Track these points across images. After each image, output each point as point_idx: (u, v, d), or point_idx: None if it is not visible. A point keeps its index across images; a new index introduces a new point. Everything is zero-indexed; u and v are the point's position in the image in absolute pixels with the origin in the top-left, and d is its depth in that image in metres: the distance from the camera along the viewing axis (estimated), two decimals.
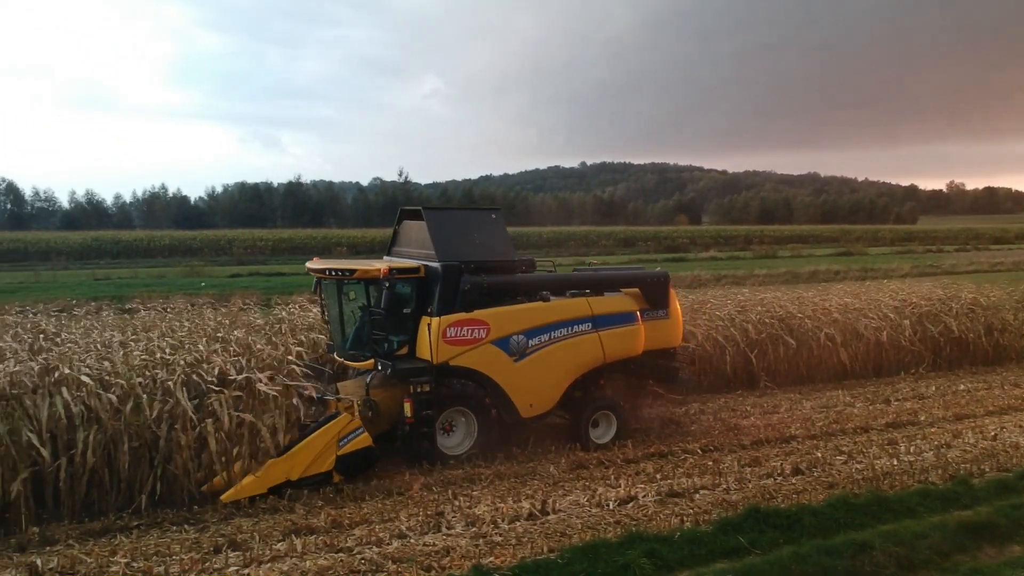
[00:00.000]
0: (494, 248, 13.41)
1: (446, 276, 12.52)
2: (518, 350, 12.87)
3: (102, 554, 8.88)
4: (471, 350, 12.56)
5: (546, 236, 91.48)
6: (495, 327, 12.70)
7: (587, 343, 13.43)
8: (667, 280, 14.55)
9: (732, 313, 19.07)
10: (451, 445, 12.54)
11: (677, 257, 65.04)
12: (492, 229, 13.68)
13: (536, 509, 10.05)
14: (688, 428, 14.52)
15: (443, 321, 12.36)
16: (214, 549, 9.01)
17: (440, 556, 8.70)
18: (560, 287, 13.89)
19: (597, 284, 14.30)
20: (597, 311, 13.57)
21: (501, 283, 13.06)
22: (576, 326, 13.37)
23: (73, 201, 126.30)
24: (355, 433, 11.49)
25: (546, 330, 13.12)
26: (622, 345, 13.76)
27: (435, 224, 13.07)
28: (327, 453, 11.29)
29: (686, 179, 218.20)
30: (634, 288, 14.41)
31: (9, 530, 9.62)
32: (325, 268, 13.06)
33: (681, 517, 9.78)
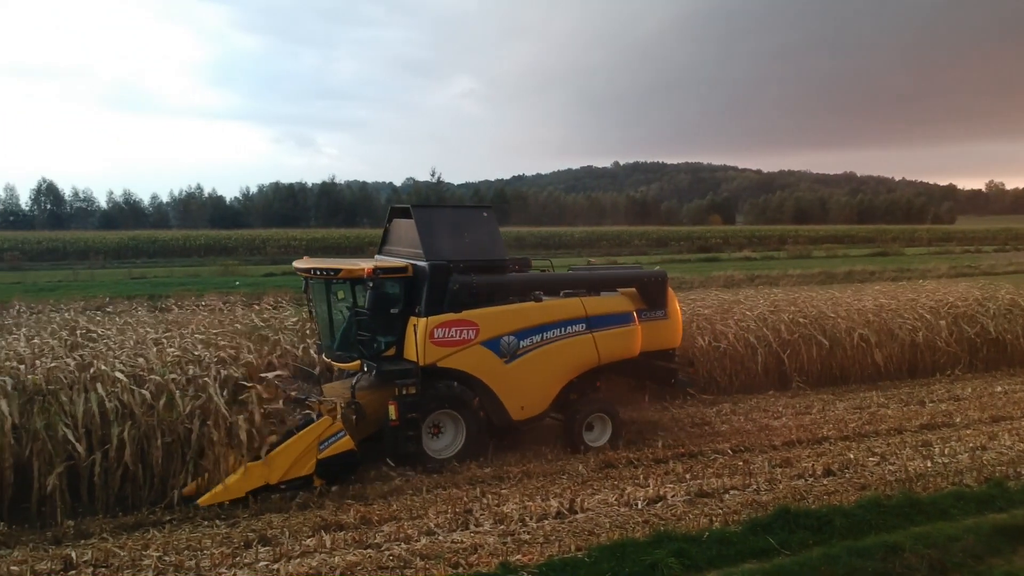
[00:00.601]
0: (485, 247, 13.06)
1: (434, 276, 12.24)
2: (509, 351, 12.58)
3: (135, 548, 9.01)
4: (460, 351, 12.28)
5: (578, 236, 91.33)
6: (485, 328, 12.42)
7: (581, 344, 13.12)
8: (664, 280, 14.20)
9: (764, 313, 18.95)
10: (439, 448, 12.26)
11: (710, 257, 64.63)
12: (483, 228, 13.33)
13: (564, 508, 10.04)
14: (718, 428, 14.42)
15: (431, 322, 12.09)
16: (244, 544, 9.11)
17: (468, 553, 8.72)
18: (554, 287, 13.58)
19: (592, 284, 13.96)
20: (591, 311, 13.25)
21: (491, 283, 12.73)
22: (569, 327, 13.04)
23: (111, 201, 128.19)
24: (336, 436, 11.26)
25: (538, 331, 12.82)
26: (618, 346, 13.43)
27: (424, 222, 12.77)
28: (307, 457, 11.08)
29: (720, 179, 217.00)
30: (631, 288, 14.10)
31: (45, 523, 9.78)
32: (311, 268, 12.80)
33: (710, 517, 9.72)
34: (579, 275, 14.61)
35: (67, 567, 8.48)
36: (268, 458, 10.80)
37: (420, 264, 12.41)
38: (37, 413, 10.28)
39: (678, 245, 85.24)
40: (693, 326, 17.62)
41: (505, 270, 13.21)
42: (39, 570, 8.39)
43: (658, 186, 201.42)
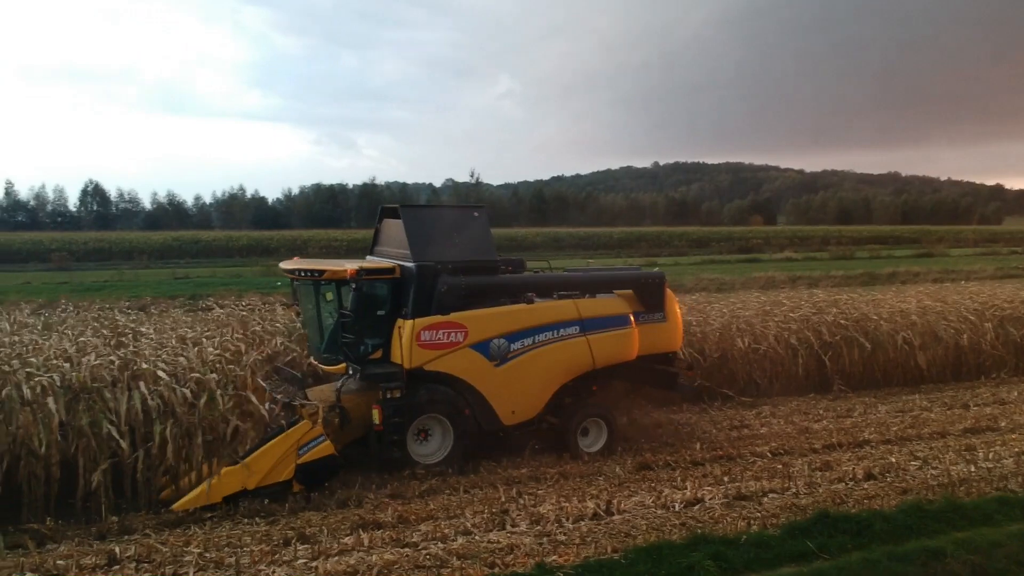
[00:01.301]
0: (475, 248, 12.80)
1: (421, 277, 12.00)
2: (499, 354, 12.31)
3: (176, 544, 9.13)
4: (447, 354, 12.03)
5: (617, 237, 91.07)
6: (474, 330, 12.17)
7: (574, 347, 12.81)
8: (662, 281, 13.88)
9: (806, 314, 18.78)
10: (426, 453, 12.01)
11: (751, 258, 64.10)
12: (474, 228, 13.07)
13: (601, 509, 10.03)
14: (758, 431, 14.31)
15: (417, 324, 11.85)
16: (284, 542, 9.19)
17: (504, 553, 8.74)
18: (547, 289, 13.25)
19: (586, 285, 13.60)
20: (585, 314, 12.92)
21: (481, 284, 12.48)
22: (562, 329, 12.74)
23: (155, 202, 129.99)
24: (316, 441, 11.04)
25: (529, 334, 12.53)
26: (613, 350, 13.10)
27: (412, 223, 12.52)
28: (286, 461, 10.85)
29: (761, 179, 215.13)
30: (627, 290, 13.74)
31: (90, 519, 9.95)
32: (296, 269, 12.60)
33: (748, 520, 9.65)
34: (573, 277, 14.17)
35: (111, 562, 8.62)
36: (245, 463, 10.61)
37: (407, 265, 12.18)
38: (82, 411, 10.47)
39: (718, 246, 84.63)
40: (733, 327, 17.55)
41: (496, 271, 12.95)
42: (84, 565, 8.54)
43: (698, 186, 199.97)
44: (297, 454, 10.91)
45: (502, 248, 76.31)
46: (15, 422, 10.02)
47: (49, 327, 15.27)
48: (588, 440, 12.97)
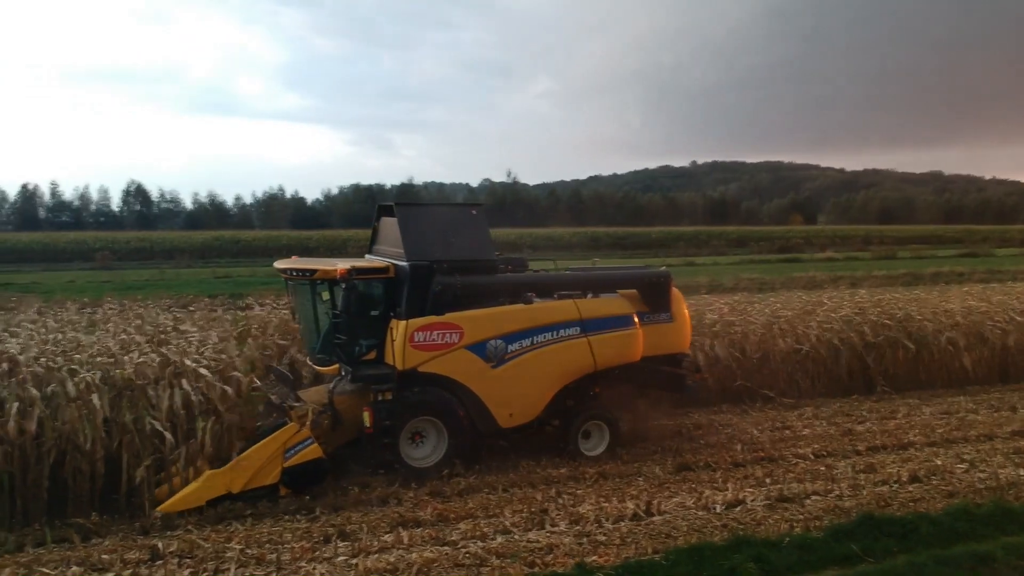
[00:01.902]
0: (472, 247, 12.46)
1: (414, 276, 11.72)
2: (496, 356, 11.99)
3: (218, 540, 9.23)
4: (442, 355, 11.74)
5: (654, 236, 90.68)
6: (469, 331, 11.87)
7: (575, 348, 12.44)
8: (668, 281, 13.40)
9: (848, 315, 18.53)
10: (419, 456, 11.75)
11: (791, 258, 63.43)
12: (471, 227, 12.74)
13: (641, 510, 9.96)
14: (800, 432, 14.13)
15: (411, 325, 11.57)
16: (324, 538, 9.26)
17: (543, 553, 8.72)
18: (548, 288, 12.95)
19: (587, 285, 13.23)
20: (586, 314, 12.55)
21: (478, 284, 12.19)
22: (562, 330, 12.37)
23: (196, 202, 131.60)
24: (303, 444, 10.83)
25: (527, 335, 12.19)
26: (615, 351, 12.71)
27: (407, 221, 12.21)
28: (272, 465, 10.66)
29: (801, 178, 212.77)
30: (631, 290, 13.38)
31: (134, 514, 10.08)
32: (289, 268, 12.37)
33: (791, 523, 9.55)
34: (574, 276, 13.88)
35: (154, 557, 8.74)
36: (230, 466, 10.47)
37: (402, 264, 11.93)
38: (126, 407, 10.61)
39: (758, 245, 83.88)
40: (774, 328, 17.37)
41: (494, 271, 12.65)
42: (128, 559, 8.67)
43: (737, 185, 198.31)
44: (284, 457, 10.73)
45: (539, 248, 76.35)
46: (61, 418, 10.18)
47: (94, 325, 15.52)
48: (590, 443, 12.71)
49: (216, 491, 10.30)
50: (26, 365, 11.13)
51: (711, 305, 19.56)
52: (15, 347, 12.25)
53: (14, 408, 10.03)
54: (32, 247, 73.72)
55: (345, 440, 11.85)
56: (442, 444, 11.81)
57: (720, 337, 16.76)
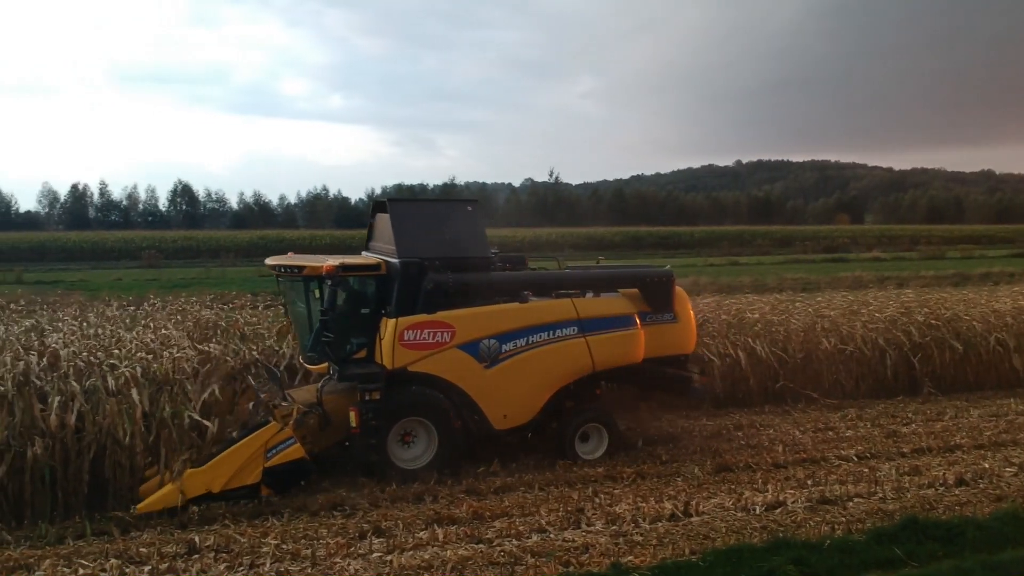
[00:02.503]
0: (466, 244, 12.18)
1: (405, 274, 11.48)
2: (489, 356, 11.67)
3: (254, 535, 9.25)
4: (433, 355, 11.46)
5: (698, 236, 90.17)
6: (462, 330, 11.57)
7: (572, 349, 12.08)
8: (671, 280, 13.00)
9: (894, 315, 18.18)
10: (409, 458, 11.46)
11: (837, 257, 62.67)
12: (465, 223, 12.46)
13: (679, 510, 9.82)
14: (843, 434, 13.87)
15: (400, 323, 11.32)
16: (359, 535, 9.24)
17: (579, 552, 8.63)
18: (545, 287, 12.60)
19: (586, 284, 12.91)
20: (584, 314, 12.18)
21: (471, 282, 11.87)
22: (559, 330, 12.01)
23: (242, 202, 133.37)
24: (285, 444, 10.61)
25: (523, 334, 11.85)
26: (615, 351, 12.34)
27: (399, 217, 11.96)
28: (253, 465, 10.44)
29: (848, 177, 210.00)
30: (633, 289, 12.94)
31: (171, 509, 10.13)
32: (277, 264, 12.19)
33: (832, 525, 9.35)
34: (572, 275, 13.50)
35: (191, 551, 8.77)
36: (210, 465, 10.30)
37: (393, 261, 11.71)
38: (164, 401, 10.71)
39: (803, 245, 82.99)
40: (817, 327, 17.09)
41: (488, 268, 12.34)
42: (165, 553, 8.71)
43: (782, 184, 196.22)
44: (265, 457, 10.53)
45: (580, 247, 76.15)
46: (101, 412, 10.29)
47: (135, 321, 15.72)
48: (588, 446, 12.36)
49: (196, 490, 10.14)
50: (67, 360, 11.29)
51: (753, 304, 19.28)
52: (58, 342, 12.43)
53: (56, 402, 10.18)
54: (81, 246, 75.26)
55: (335, 440, 11.62)
56: (432, 446, 11.51)
57: (762, 337, 16.53)
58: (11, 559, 8.59)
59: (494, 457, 11.97)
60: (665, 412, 14.90)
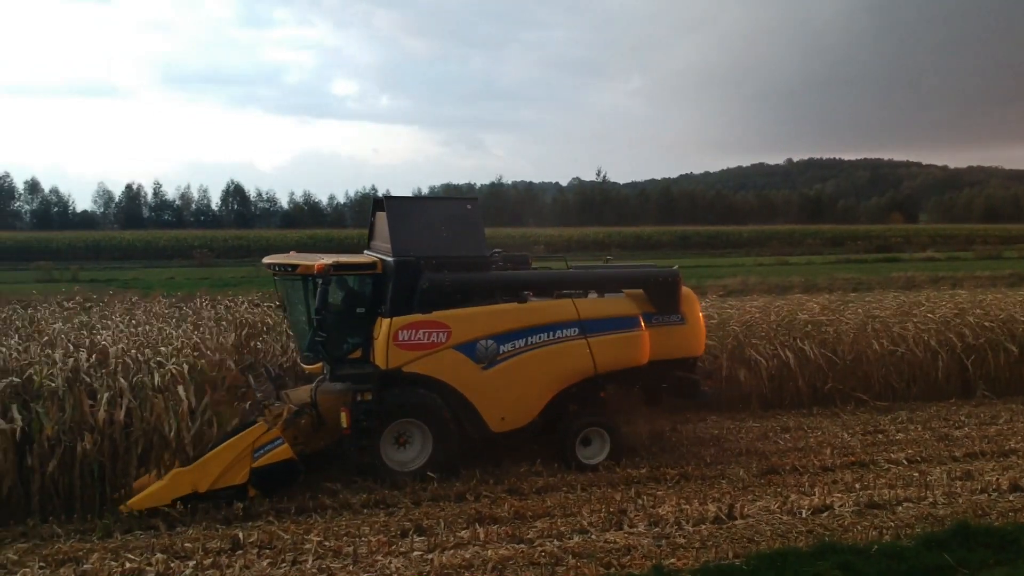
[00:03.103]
0: (464, 242, 11.96)
1: (399, 273, 11.27)
2: (486, 357, 11.42)
3: (297, 531, 9.32)
4: (428, 355, 11.24)
5: (746, 235, 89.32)
6: (458, 330, 11.33)
7: (572, 350, 11.77)
8: (677, 280, 12.55)
9: (947, 316, 17.79)
10: (405, 460, 11.25)
11: (889, 257, 61.65)
12: (464, 222, 12.28)
13: (723, 513, 9.70)
14: (893, 437, 13.62)
15: (395, 323, 11.12)
16: (401, 533, 9.26)
17: (621, 554, 8.57)
18: (546, 287, 12.30)
19: (588, 284, 12.55)
20: (585, 314, 11.86)
21: (468, 281, 11.66)
22: (559, 331, 11.72)
23: (292, 202, 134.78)
24: (272, 444, 10.47)
25: (521, 335, 11.57)
26: (618, 353, 11.99)
27: (395, 215, 11.74)
28: (240, 465, 10.33)
29: (902, 175, 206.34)
30: (637, 289, 12.57)
31: (217, 504, 10.23)
32: (273, 263, 12.00)
33: (880, 530, 9.17)
34: (573, 274, 13.11)
35: (235, 547, 8.86)
36: (197, 464, 10.20)
37: (389, 260, 11.49)
38: (209, 398, 10.84)
39: (855, 244, 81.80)
40: (868, 328, 16.79)
41: (487, 268, 12.09)
42: (210, 548, 8.80)
43: (834, 183, 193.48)
44: (252, 457, 10.41)
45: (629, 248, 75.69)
46: (148, 408, 10.44)
47: (183, 319, 15.96)
48: (590, 450, 12.00)
49: (182, 490, 10.06)
50: (116, 357, 11.48)
51: (803, 305, 19.01)
52: (106, 339, 12.64)
53: (104, 398, 10.34)
54: (135, 245, 76.76)
55: (329, 441, 11.49)
56: (427, 448, 11.31)
57: (811, 337, 16.29)
58: (60, 552, 8.75)
59: (536, 457, 11.94)
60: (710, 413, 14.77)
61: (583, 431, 11.99)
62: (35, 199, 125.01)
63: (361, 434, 10.91)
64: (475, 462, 11.60)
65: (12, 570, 8.31)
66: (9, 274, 46.57)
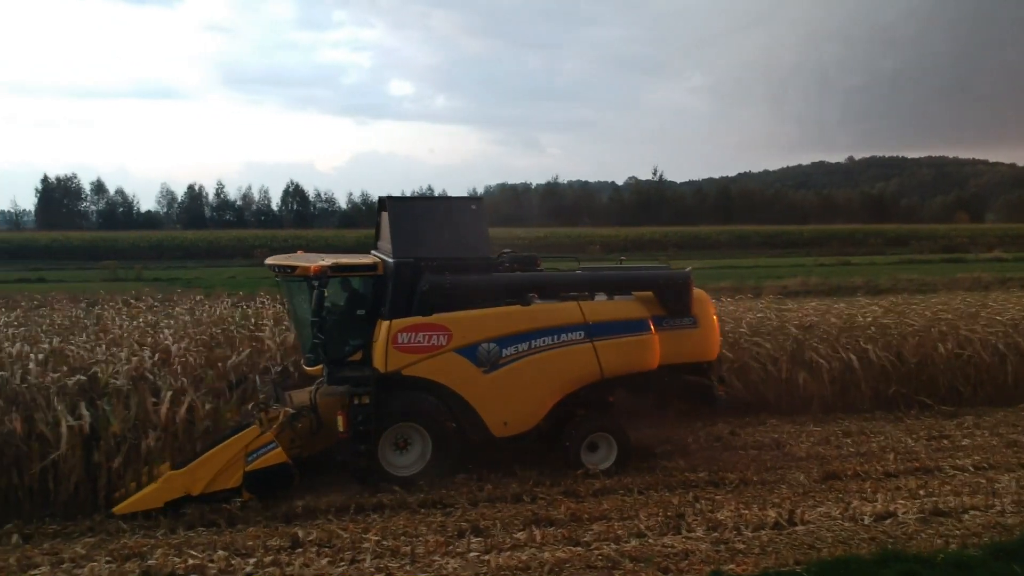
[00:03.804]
0: (466, 243, 11.74)
1: (399, 274, 11.12)
2: (488, 360, 11.20)
3: (356, 530, 9.40)
4: (428, 359, 11.07)
5: (807, 235, 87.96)
6: (459, 333, 11.13)
7: (578, 354, 11.50)
8: (688, 282, 12.20)
9: (1016, 318, 17.35)
10: (402, 464, 11.14)
11: (955, 258, 60.17)
12: (468, 222, 12.04)
13: (783, 519, 9.57)
14: (959, 442, 13.30)
15: (394, 325, 10.98)
16: (458, 533, 9.29)
17: (678, 559, 8.50)
18: (550, 289, 12.00)
19: (595, 286, 12.22)
20: (591, 317, 11.58)
21: (470, 283, 11.41)
22: (564, 334, 11.45)
23: (350, 202, 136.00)
24: (266, 448, 10.41)
25: (524, 338, 11.33)
26: (626, 358, 11.69)
27: (397, 216, 11.59)
28: (233, 468, 10.30)
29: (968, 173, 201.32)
30: (647, 292, 12.21)
31: (277, 502, 10.40)
32: (273, 264, 11.86)
33: (946, 538, 8.98)
34: (579, 276, 12.65)
35: (294, 545, 8.97)
36: (190, 467, 10.20)
37: (389, 261, 11.35)
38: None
39: (919, 244, 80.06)
40: (933, 331, 16.43)
41: (490, 269, 11.85)
42: (270, 546, 8.94)
43: (897, 182, 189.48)
44: (246, 461, 10.38)
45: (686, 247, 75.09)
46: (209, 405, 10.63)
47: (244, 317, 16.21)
48: (597, 456, 11.74)
49: (175, 492, 10.09)
50: (178, 355, 11.70)
51: (864, 309, 18.66)
52: (168, 338, 12.90)
53: (167, 396, 10.55)
54: (197, 244, 78.09)
55: (327, 444, 11.33)
56: (427, 452, 11.20)
57: (875, 340, 15.99)
58: (126, 547, 8.94)
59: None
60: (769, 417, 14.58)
61: (589, 436, 11.78)
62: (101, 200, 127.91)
63: (359, 438, 10.79)
64: (532, 463, 11.61)
65: (80, 564, 8.52)
66: (77, 273, 47.75)
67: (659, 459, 12.16)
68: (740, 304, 19.46)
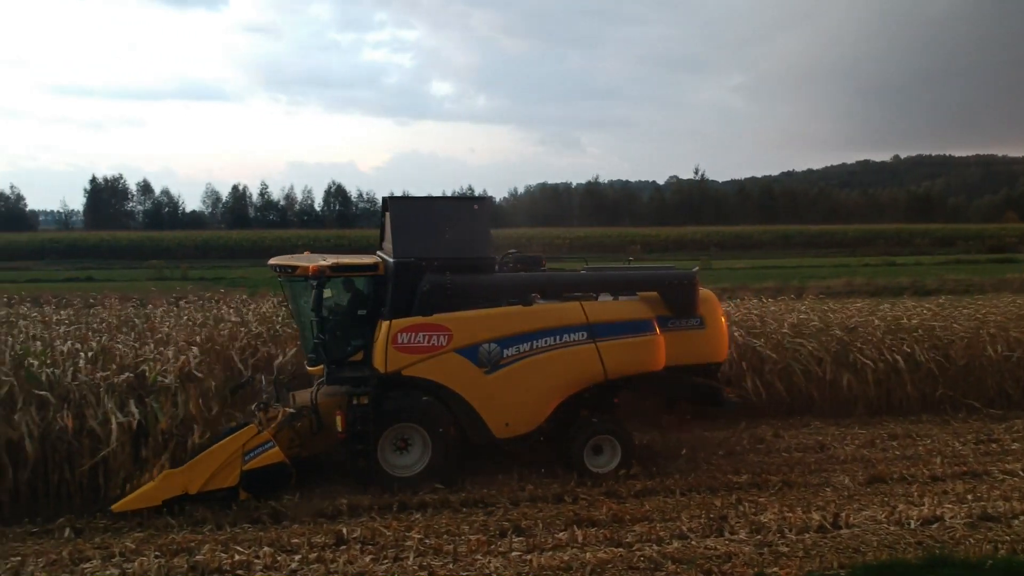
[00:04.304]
0: (468, 244, 11.65)
1: (399, 274, 11.07)
2: (490, 361, 11.10)
3: (399, 528, 9.49)
4: (429, 359, 10.99)
5: (851, 234, 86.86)
6: (459, 334, 11.04)
7: (581, 355, 11.36)
8: (693, 282, 12.03)
9: None
10: (403, 465, 11.05)
11: (1004, 258, 59.05)
12: (469, 222, 11.98)
13: (827, 522, 9.50)
14: (1008, 447, 13.08)
15: (394, 325, 10.92)
16: (500, 533, 9.35)
17: (721, 561, 8.48)
18: (553, 289, 11.88)
19: (599, 286, 12.08)
20: (594, 318, 11.44)
21: (471, 284, 11.31)
22: (566, 335, 11.32)
23: None
24: (263, 447, 10.38)
25: (526, 339, 11.21)
26: (630, 359, 11.53)
27: (398, 216, 11.57)
28: (231, 467, 10.24)
29: (1017, 172, 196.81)
30: (652, 292, 12.02)
31: (323, 500, 10.50)
32: (275, 264, 11.86)
33: (995, 544, 8.84)
34: (582, 276, 12.53)
35: (339, 542, 9.08)
36: (187, 466, 10.16)
37: (390, 261, 11.31)
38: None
39: (966, 244, 78.65)
40: (982, 333, 16.19)
41: (491, 270, 11.78)
42: (315, 543, 9.05)
43: (943, 180, 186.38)
44: (243, 460, 10.33)
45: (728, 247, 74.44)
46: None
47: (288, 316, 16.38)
48: (601, 459, 11.59)
49: (173, 491, 10.05)
50: (223, 354, 11.88)
51: (910, 310, 18.41)
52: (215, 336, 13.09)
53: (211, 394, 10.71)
54: (242, 244, 78.96)
55: (329, 445, 11.29)
56: (427, 453, 11.11)
57: (921, 342, 15.78)
58: (174, 542, 9.09)
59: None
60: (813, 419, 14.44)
61: (593, 439, 11.66)
62: (147, 200, 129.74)
63: (357, 438, 10.78)
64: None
65: (129, 559, 8.68)
66: (124, 272, 48.55)
67: (701, 461, 12.09)
68: (783, 304, 19.28)
